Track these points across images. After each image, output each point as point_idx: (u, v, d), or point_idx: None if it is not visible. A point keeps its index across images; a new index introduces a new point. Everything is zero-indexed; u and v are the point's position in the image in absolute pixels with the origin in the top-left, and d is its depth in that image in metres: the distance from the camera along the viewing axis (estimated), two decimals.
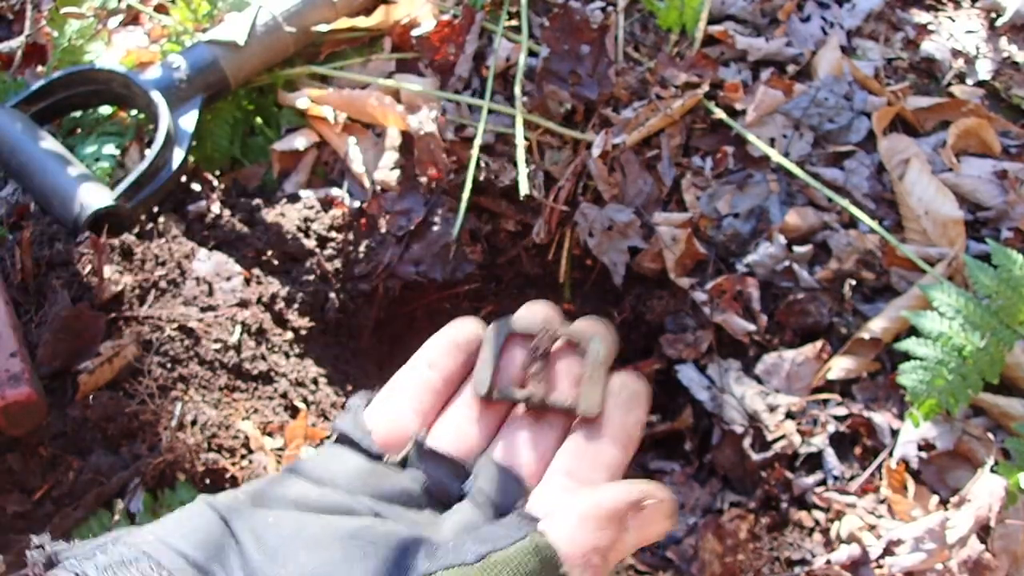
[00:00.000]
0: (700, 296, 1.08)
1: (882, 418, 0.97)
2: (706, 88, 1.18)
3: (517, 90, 1.20)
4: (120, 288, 0.97)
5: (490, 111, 1.20)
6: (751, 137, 1.15)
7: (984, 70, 1.27)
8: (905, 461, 0.94)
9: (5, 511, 0.85)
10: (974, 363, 0.88)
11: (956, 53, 1.29)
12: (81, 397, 0.90)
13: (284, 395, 1.02)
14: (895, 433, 0.96)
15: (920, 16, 1.35)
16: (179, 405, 0.92)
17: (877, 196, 1.12)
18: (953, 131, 1.16)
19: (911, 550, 0.85)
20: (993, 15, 1.35)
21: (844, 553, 0.88)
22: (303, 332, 1.11)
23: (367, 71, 1.28)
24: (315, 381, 1.07)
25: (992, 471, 0.88)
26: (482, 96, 1.23)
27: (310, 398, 1.05)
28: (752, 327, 1.06)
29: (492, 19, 1.30)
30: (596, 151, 1.14)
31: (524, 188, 1.11)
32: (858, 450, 0.97)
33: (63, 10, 1.23)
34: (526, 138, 1.17)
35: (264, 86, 1.27)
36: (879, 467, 0.94)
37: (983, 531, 0.84)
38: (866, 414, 0.98)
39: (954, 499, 0.88)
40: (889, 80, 1.25)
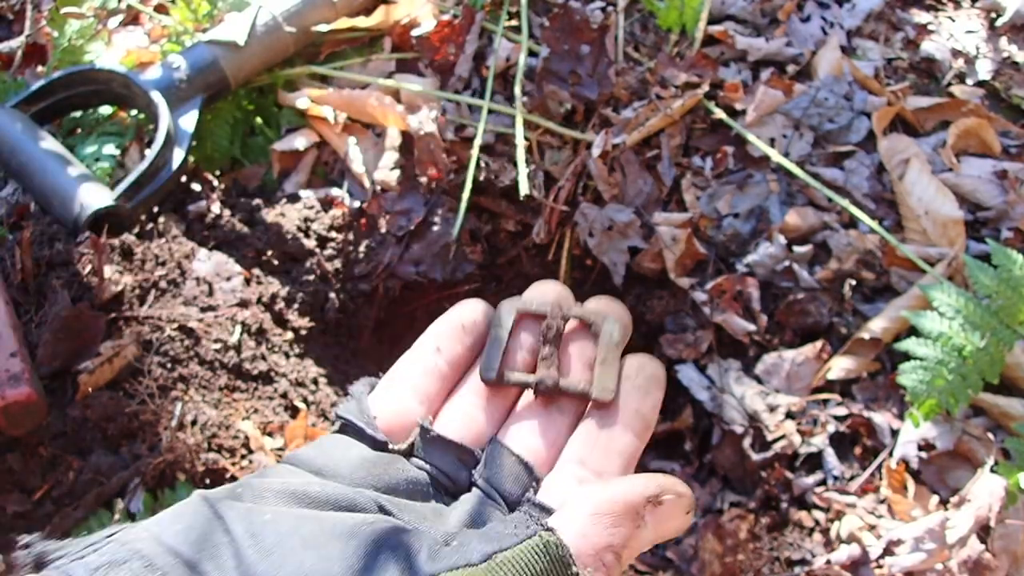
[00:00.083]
0: (700, 296, 1.08)
1: (882, 418, 0.97)
2: (706, 88, 1.18)
3: (517, 90, 1.20)
4: (120, 288, 0.97)
5: (490, 111, 1.20)
6: (751, 137, 1.15)
7: (984, 70, 1.27)
8: (905, 461, 0.94)
9: (5, 511, 0.84)
10: (974, 363, 0.88)
11: (956, 53, 1.29)
12: (81, 397, 0.89)
13: (284, 395, 1.02)
14: (895, 433, 0.96)
15: (920, 16, 1.35)
16: (179, 405, 0.92)
17: (877, 196, 1.12)
18: (953, 131, 1.16)
19: (911, 550, 0.85)
20: (993, 15, 1.35)
21: (844, 553, 0.88)
22: (303, 332, 1.11)
23: (367, 71, 1.28)
24: (315, 381, 1.07)
25: (992, 471, 0.87)
26: (482, 96, 1.22)
27: (310, 398, 1.05)
28: (752, 327, 1.06)
29: (492, 19, 1.30)
30: (596, 151, 1.14)
31: (524, 188, 1.11)
32: (858, 450, 0.97)
33: (63, 10, 1.23)
34: (526, 138, 1.17)
35: (264, 86, 1.27)
36: (879, 467, 0.94)
37: (983, 531, 0.84)
38: (866, 414, 0.97)
39: (954, 499, 0.88)
40: (889, 80, 1.25)
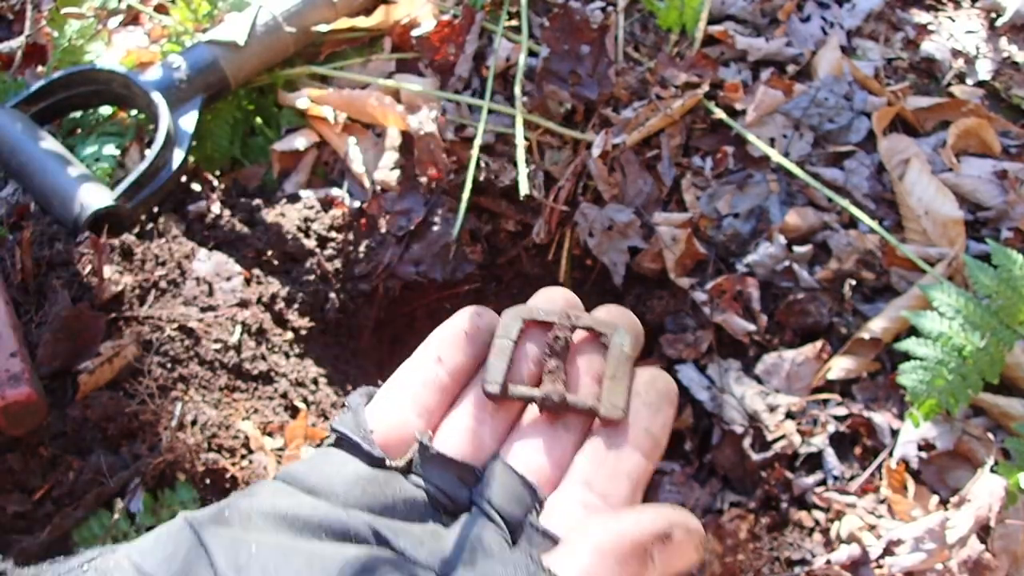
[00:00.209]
0: (700, 296, 1.08)
1: (882, 418, 0.97)
2: (706, 88, 1.18)
3: (517, 90, 1.20)
4: (120, 288, 0.97)
5: (490, 111, 1.20)
6: (751, 137, 1.15)
7: (984, 70, 1.27)
8: (905, 461, 0.93)
9: (5, 511, 0.84)
10: (974, 363, 0.88)
11: (956, 53, 1.29)
12: (81, 397, 0.90)
13: (284, 395, 1.02)
14: (895, 433, 0.96)
15: (920, 16, 1.35)
16: (179, 405, 0.92)
17: (877, 196, 1.12)
18: (953, 131, 1.16)
19: (911, 550, 0.85)
20: (993, 15, 1.35)
21: (844, 553, 0.88)
22: (303, 332, 1.11)
23: (367, 71, 1.28)
24: (315, 381, 1.07)
25: (992, 471, 0.87)
26: (482, 96, 1.22)
27: (310, 398, 1.05)
28: (752, 327, 1.06)
29: (492, 19, 1.30)
30: (596, 151, 1.14)
31: (524, 188, 1.11)
32: (858, 450, 0.97)
33: (63, 10, 1.23)
34: (526, 138, 1.17)
35: (264, 86, 1.27)
36: (879, 467, 0.94)
37: (983, 531, 0.84)
38: (866, 414, 0.97)
39: (954, 499, 0.88)
40: (889, 80, 1.25)
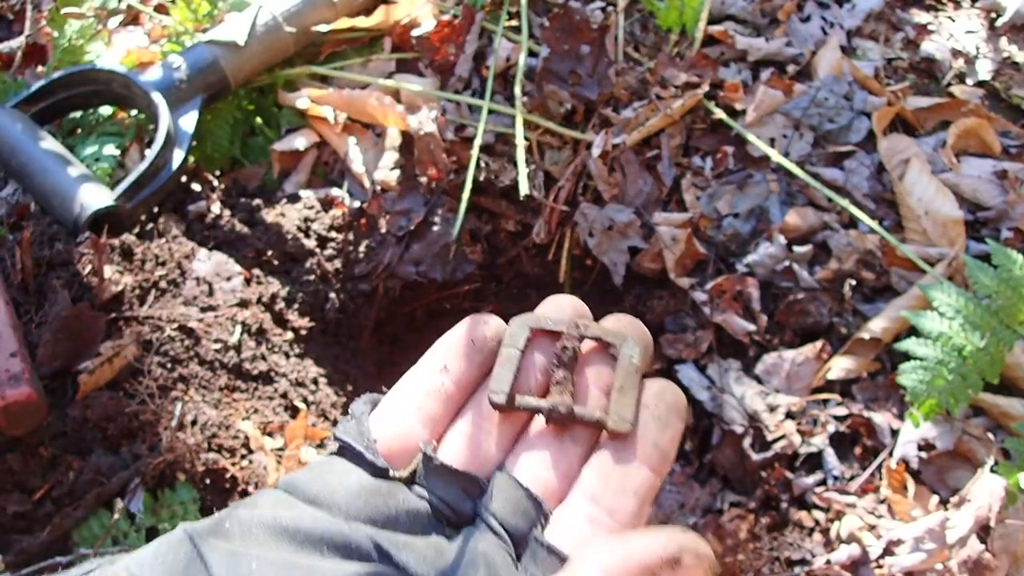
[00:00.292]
0: (700, 296, 1.08)
1: (882, 418, 0.97)
2: (706, 88, 1.18)
3: (517, 90, 1.20)
4: (120, 288, 0.97)
5: (490, 111, 1.20)
6: (751, 137, 1.15)
7: (984, 70, 1.27)
8: (905, 461, 0.93)
9: (5, 511, 0.84)
10: (974, 363, 0.88)
11: (956, 53, 1.29)
12: (81, 397, 0.89)
13: (284, 395, 1.02)
14: (895, 433, 0.96)
15: (920, 16, 1.35)
16: (179, 405, 0.92)
17: (877, 196, 1.12)
18: (953, 131, 1.16)
19: (911, 550, 0.85)
20: (993, 15, 1.35)
21: (844, 553, 0.88)
22: (303, 332, 1.11)
23: (367, 71, 1.28)
24: (315, 381, 1.07)
25: (992, 471, 0.87)
26: (482, 96, 1.22)
27: (310, 398, 1.05)
28: (752, 327, 1.06)
29: (492, 19, 1.30)
30: (596, 151, 1.14)
31: (524, 188, 1.11)
32: (858, 450, 0.97)
33: (63, 10, 1.23)
34: (526, 138, 1.17)
35: (264, 86, 1.27)
36: (879, 467, 0.94)
37: (983, 531, 0.84)
38: (866, 414, 0.97)
39: (954, 499, 0.88)
40: (889, 80, 1.25)
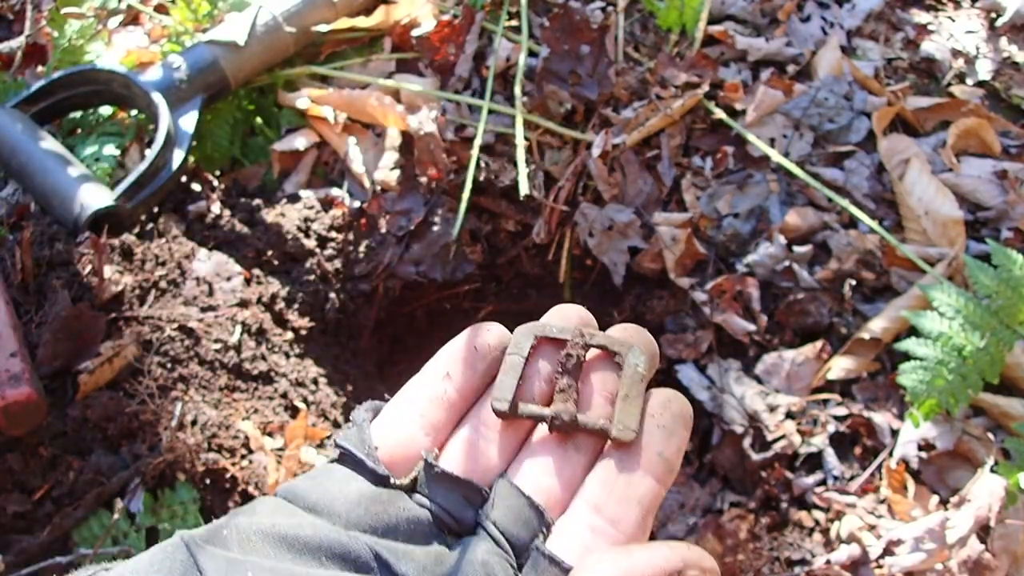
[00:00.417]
0: (700, 296, 1.08)
1: (882, 418, 0.97)
2: (706, 88, 1.18)
3: (517, 90, 1.20)
4: (120, 288, 0.97)
5: (490, 111, 1.20)
6: (751, 137, 1.15)
7: (984, 70, 1.27)
8: (905, 461, 0.93)
9: (5, 511, 0.84)
10: (974, 363, 0.88)
11: (956, 53, 1.29)
12: (81, 397, 0.89)
13: (284, 395, 1.02)
14: (895, 433, 0.96)
15: (920, 16, 1.35)
16: (179, 405, 0.92)
17: (877, 196, 1.12)
18: (953, 131, 1.16)
19: (911, 550, 0.85)
20: (993, 15, 1.35)
21: (844, 553, 0.88)
22: (303, 332, 1.11)
23: (367, 71, 1.28)
24: (315, 381, 1.07)
25: (992, 471, 0.87)
26: (482, 96, 1.22)
27: (310, 398, 1.05)
28: (752, 327, 1.06)
29: (492, 19, 1.30)
30: (596, 151, 1.14)
31: (524, 188, 1.11)
32: (858, 450, 0.97)
33: (63, 10, 1.23)
34: (526, 138, 1.17)
35: (264, 86, 1.27)
36: (879, 467, 0.94)
37: (983, 531, 0.84)
38: (866, 414, 0.97)
39: (954, 499, 0.88)
40: (889, 80, 1.25)
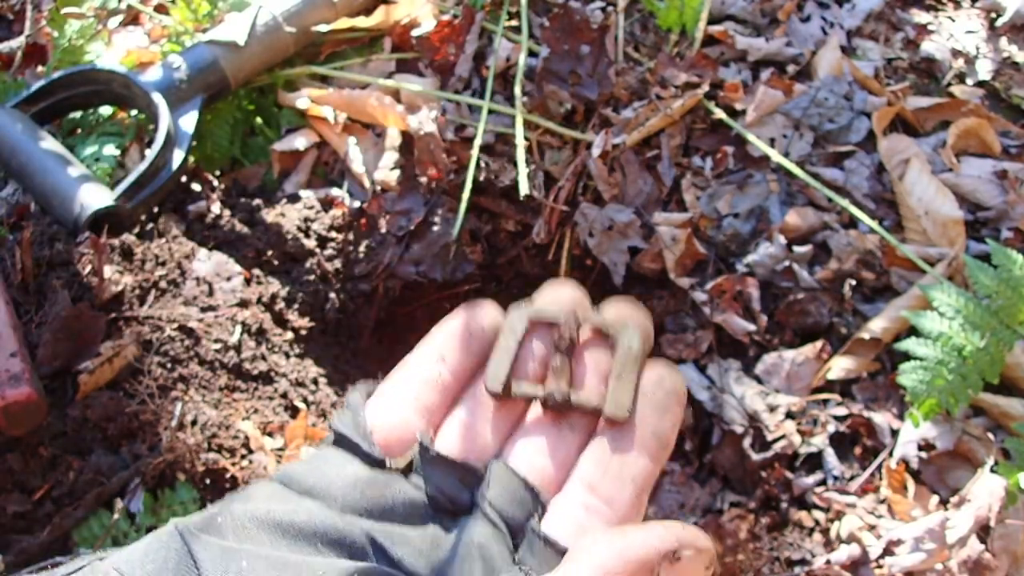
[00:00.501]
0: (700, 296, 1.08)
1: (882, 418, 0.97)
2: (706, 88, 1.18)
3: (517, 90, 1.20)
4: (120, 288, 0.97)
5: (490, 111, 1.20)
6: (751, 137, 1.15)
7: (984, 70, 1.27)
8: (905, 461, 0.93)
9: (5, 511, 0.84)
10: (974, 363, 0.88)
11: (956, 53, 1.29)
12: (81, 397, 0.89)
13: (284, 395, 1.02)
14: (895, 433, 0.96)
15: (920, 16, 1.35)
16: (179, 405, 0.92)
17: (877, 196, 1.12)
18: (953, 131, 1.16)
19: (911, 550, 0.85)
20: (993, 15, 1.35)
21: (844, 553, 0.88)
22: (303, 332, 1.11)
23: (367, 71, 1.28)
24: (315, 381, 1.07)
25: (992, 471, 0.87)
26: (482, 96, 1.22)
27: (310, 398, 1.05)
28: (752, 327, 1.06)
29: (492, 19, 1.30)
30: (596, 151, 1.14)
31: (524, 188, 1.11)
32: (858, 450, 0.97)
33: (63, 10, 1.23)
34: (526, 138, 1.17)
35: (264, 86, 1.26)
36: (879, 467, 0.94)
37: (983, 531, 0.84)
38: (866, 414, 0.97)
39: (954, 499, 0.88)
40: (889, 80, 1.25)
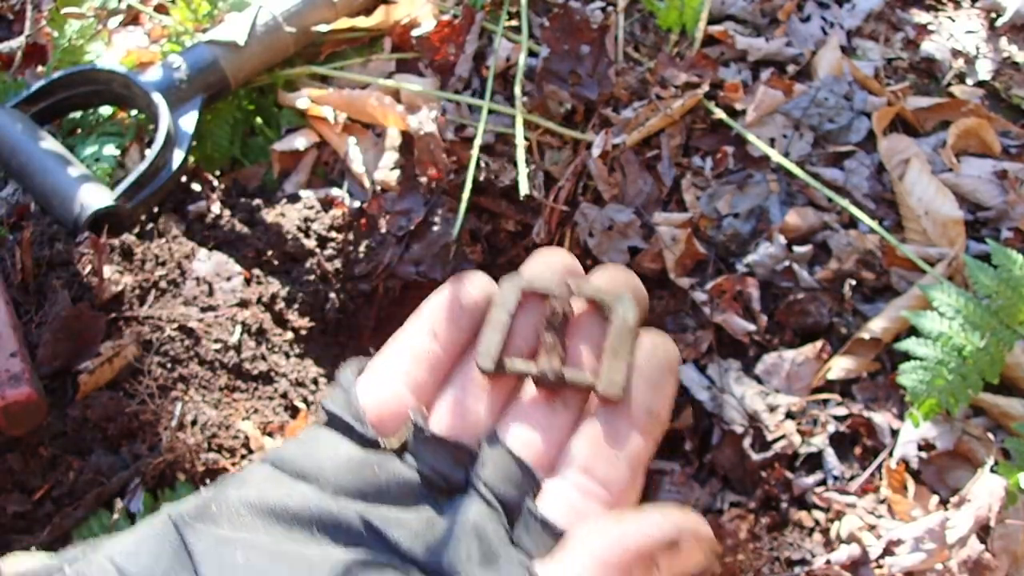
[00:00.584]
0: (700, 296, 1.08)
1: (882, 418, 0.97)
2: (706, 88, 1.18)
3: (517, 90, 1.20)
4: (120, 288, 0.97)
5: (490, 111, 1.20)
6: (751, 137, 1.15)
7: (984, 70, 1.27)
8: (905, 461, 0.93)
9: (5, 511, 0.84)
10: (974, 363, 0.88)
11: (956, 53, 1.29)
12: (81, 397, 0.90)
13: (284, 395, 1.02)
14: (895, 433, 0.96)
15: (920, 16, 1.35)
16: (179, 405, 0.92)
17: (877, 196, 1.12)
18: (953, 131, 1.16)
19: (911, 550, 0.85)
20: (993, 15, 1.35)
21: (844, 553, 0.88)
22: (303, 332, 1.11)
23: (367, 71, 1.28)
24: (315, 381, 1.07)
25: (992, 471, 0.87)
26: (482, 96, 1.23)
27: (310, 398, 1.05)
28: (752, 327, 1.06)
29: (492, 19, 1.30)
30: (596, 151, 1.14)
31: (524, 188, 1.11)
32: (858, 450, 0.97)
33: (63, 10, 1.23)
34: (526, 138, 1.17)
35: (264, 86, 1.27)
36: (879, 467, 0.94)
37: (983, 531, 0.84)
38: (866, 414, 0.97)
39: (954, 499, 0.88)
40: (889, 80, 1.25)
